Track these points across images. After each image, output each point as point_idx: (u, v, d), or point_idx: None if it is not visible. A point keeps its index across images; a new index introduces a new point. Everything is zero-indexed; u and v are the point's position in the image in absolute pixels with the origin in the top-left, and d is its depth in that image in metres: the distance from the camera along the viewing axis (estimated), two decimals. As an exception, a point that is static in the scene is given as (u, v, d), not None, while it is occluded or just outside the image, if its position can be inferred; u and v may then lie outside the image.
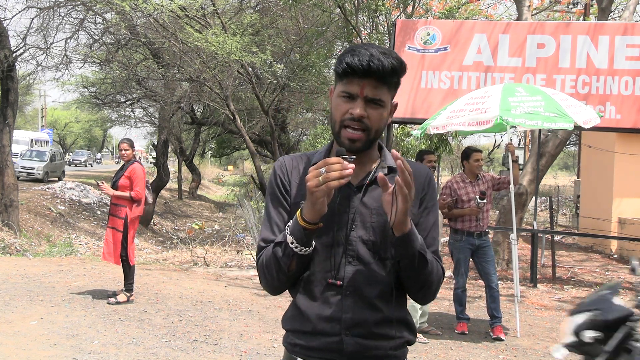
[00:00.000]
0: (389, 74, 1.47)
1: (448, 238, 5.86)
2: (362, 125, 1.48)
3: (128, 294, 6.16)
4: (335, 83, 1.56)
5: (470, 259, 5.65)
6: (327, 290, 1.53)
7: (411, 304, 5.35)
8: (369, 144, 1.52)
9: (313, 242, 1.49)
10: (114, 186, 6.10)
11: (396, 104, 1.59)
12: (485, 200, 5.42)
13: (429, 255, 1.51)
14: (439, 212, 5.44)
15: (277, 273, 1.53)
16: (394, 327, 1.56)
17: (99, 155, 59.96)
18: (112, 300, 6.05)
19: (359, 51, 1.47)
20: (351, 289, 1.52)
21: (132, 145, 6.29)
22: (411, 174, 1.35)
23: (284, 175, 1.63)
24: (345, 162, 1.36)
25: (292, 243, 1.46)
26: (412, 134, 11.04)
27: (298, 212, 1.46)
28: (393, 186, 1.38)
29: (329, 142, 1.66)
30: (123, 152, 6.19)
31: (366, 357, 1.53)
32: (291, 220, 1.49)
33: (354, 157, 1.39)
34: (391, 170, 1.58)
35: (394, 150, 1.37)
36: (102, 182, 6.16)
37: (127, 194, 6.03)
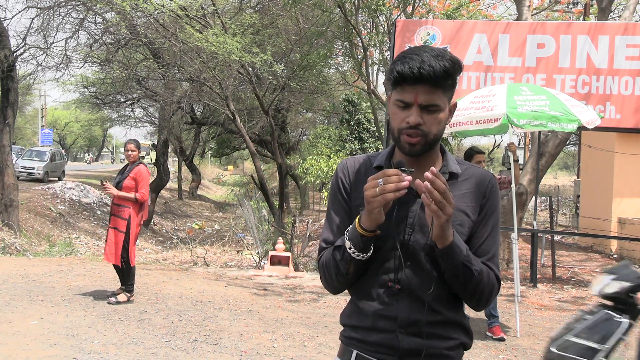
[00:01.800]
0: (442, 78, 1.46)
1: None
2: (419, 132, 1.49)
3: (128, 294, 6.16)
4: (391, 90, 1.56)
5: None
6: (385, 292, 1.57)
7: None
8: (428, 146, 1.52)
9: (371, 248, 1.51)
10: (118, 186, 6.07)
11: (455, 104, 1.58)
12: None
13: (478, 266, 1.51)
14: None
15: (336, 275, 1.58)
16: (449, 328, 1.59)
17: (87, 156, 57.88)
18: (113, 300, 6.05)
19: (410, 57, 1.46)
20: (407, 291, 1.55)
21: (138, 147, 6.31)
22: (444, 190, 1.35)
23: (345, 178, 1.65)
24: (403, 175, 1.38)
25: (350, 248, 1.50)
26: None
27: (357, 219, 1.49)
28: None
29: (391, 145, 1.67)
30: (130, 152, 6.18)
31: (420, 354, 1.56)
32: (350, 226, 1.52)
33: (413, 170, 1.41)
34: (452, 176, 1.59)
35: (433, 168, 1.36)
36: (106, 182, 6.16)
37: (131, 195, 6.01)
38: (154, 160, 21.06)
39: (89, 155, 61.87)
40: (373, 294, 1.58)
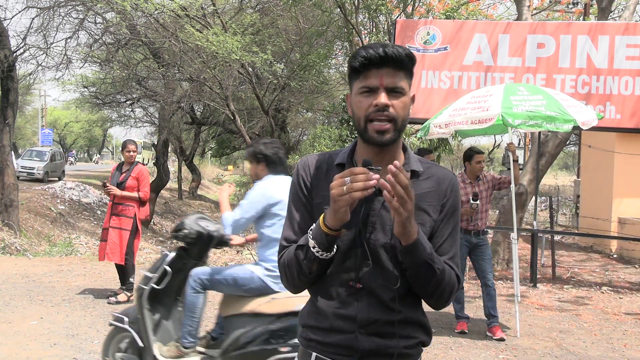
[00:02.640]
0: (405, 59, 1.49)
1: None
2: (388, 115, 1.48)
3: (128, 294, 6.17)
4: (351, 85, 1.56)
5: (468, 258, 5.67)
6: (344, 290, 1.55)
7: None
8: (397, 134, 1.52)
9: (335, 247, 1.50)
10: (121, 187, 6.17)
11: (414, 95, 1.59)
12: (478, 202, 5.44)
13: (440, 264, 1.51)
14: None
15: (298, 274, 1.55)
16: (408, 327, 1.58)
17: (95, 157, 57.69)
18: (113, 299, 6.06)
19: (370, 45, 1.50)
20: (368, 290, 1.54)
21: (137, 147, 6.51)
22: (405, 186, 1.34)
23: (306, 175, 1.64)
24: (371, 173, 1.36)
25: (313, 247, 1.48)
26: (416, 135, 11.04)
27: (321, 217, 1.46)
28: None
29: (353, 141, 1.66)
30: (132, 153, 6.33)
31: (380, 354, 1.55)
32: (314, 224, 1.50)
33: (380, 168, 1.39)
34: (414, 175, 1.59)
35: (396, 162, 1.35)
36: (108, 183, 6.21)
37: (134, 194, 6.15)
38: (145, 160, 21.07)
39: (97, 155, 61.95)
40: (332, 293, 1.57)
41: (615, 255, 11.75)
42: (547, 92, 5.54)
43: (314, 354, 1.60)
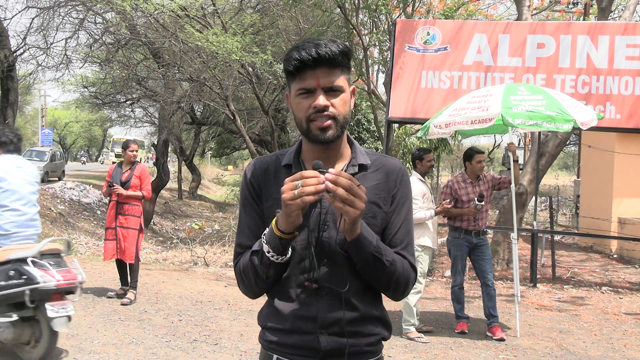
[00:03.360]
0: (339, 57, 1.48)
1: (447, 237, 5.87)
2: (328, 115, 1.48)
3: (135, 292, 6.27)
4: (289, 86, 1.55)
5: (468, 258, 5.67)
6: (303, 291, 1.54)
7: (407, 303, 5.35)
8: (339, 130, 1.51)
9: (289, 250, 1.49)
10: (126, 186, 6.22)
11: (353, 88, 1.58)
12: (483, 203, 5.45)
13: (389, 256, 1.51)
14: (434, 212, 5.45)
15: (255, 280, 1.54)
16: (369, 324, 1.57)
17: (101, 157, 57.60)
18: (126, 300, 6.12)
19: (303, 45, 1.48)
20: (326, 289, 1.53)
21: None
22: (349, 187, 1.33)
23: (254, 179, 1.62)
24: (322, 177, 1.35)
25: (268, 252, 1.46)
26: (416, 135, 11.04)
27: (273, 221, 1.45)
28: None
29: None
30: (135, 153, 6.39)
31: (342, 354, 1.54)
32: (267, 229, 1.48)
33: (332, 170, 1.37)
34: (362, 168, 1.58)
35: (331, 170, 1.34)
36: (115, 184, 6.21)
37: (139, 193, 6.23)
38: (137, 159, 20.97)
39: (102, 156, 61.78)
40: (292, 295, 1.55)
41: (615, 255, 11.75)
42: (547, 92, 5.54)
43: (275, 356, 1.59)
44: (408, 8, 11.57)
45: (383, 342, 1.64)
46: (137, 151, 6.43)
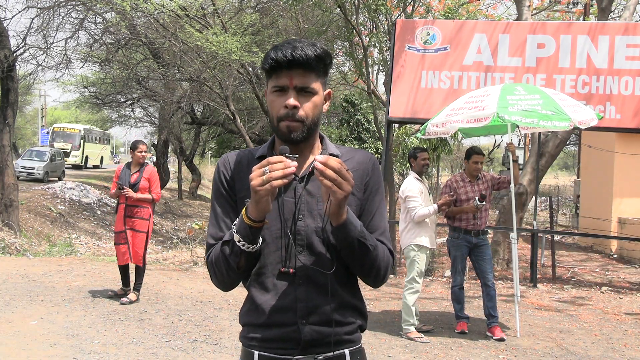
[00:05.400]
0: (314, 61, 1.51)
1: (447, 237, 5.87)
2: (296, 117, 1.52)
3: (137, 293, 6.25)
4: (267, 83, 1.59)
5: (468, 258, 5.67)
6: (280, 280, 1.55)
7: (406, 303, 5.35)
8: (306, 132, 1.55)
9: (260, 239, 1.50)
10: (135, 188, 6.10)
11: (330, 92, 1.63)
12: (484, 203, 5.44)
13: (372, 241, 1.53)
14: (436, 208, 5.44)
15: (227, 271, 1.54)
16: (348, 313, 1.58)
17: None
18: (126, 300, 6.09)
19: (283, 45, 1.52)
20: (303, 277, 1.54)
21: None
22: (338, 169, 1.37)
23: (227, 172, 1.65)
24: (288, 161, 1.38)
25: (239, 241, 1.47)
26: (416, 135, 11.04)
27: (243, 210, 1.46)
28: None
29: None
30: (144, 154, 6.29)
31: (323, 343, 1.55)
32: (237, 219, 1.49)
33: (297, 155, 1.41)
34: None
35: (318, 156, 1.38)
36: (125, 187, 6.09)
37: (148, 195, 6.13)
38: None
39: (116, 156, 61.49)
40: (268, 284, 1.56)
41: (615, 255, 11.75)
42: (544, 92, 5.54)
43: (256, 352, 1.58)
44: (408, 8, 11.58)
45: (360, 332, 1.65)
46: (146, 152, 6.30)
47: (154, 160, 23.21)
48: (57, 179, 23.06)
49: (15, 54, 11.29)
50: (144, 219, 6.13)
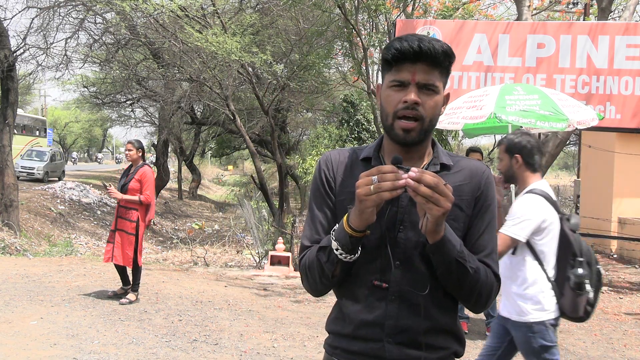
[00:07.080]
0: (441, 57, 1.40)
1: None
2: (416, 114, 1.39)
3: (136, 293, 6.23)
4: (382, 77, 1.47)
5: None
6: (371, 293, 1.45)
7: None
8: (423, 134, 1.42)
9: (359, 249, 1.40)
10: (124, 189, 6.04)
11: (448, 94, 1.50)
12: None
13: (473, 263, 1.40)
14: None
15: (320, 278, 1.46)
16: (442, 337, 1.47)
17: (74, 154, 54.82)
18: (125, 301, 6.08)
19: (407, 37, 1.40)
20: (397, 293, 1.44)
21: (137, 147, 6.22)
22: (435, 185, 1.25)
23: (329, 171, 1.54)
24: (400, 172, 1.26)
25: (336, 249, 1.38)
26: None
27: (345, 217, 1.37)
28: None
29: (378, 137, 1.56)
30: (127, 152, 6.18)
31: None
32: (337, 224, 1.40)
33: (410, 168, 1.28)
34: (444, 168, 1.50)
35: (414, 168, 1.26)
36: (110, 185, 6.11)
37: (136, 197, 5.97)
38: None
39: (117, 157, 61.42)
40: (359, 295, 1.46)
41: (615, 255, 11.75)
42: (543, 92, 5.55)
43: None
44: (408, 8, 11.57)
45: (455, 357, 1.53)
46: (129, 151, 6.11)
47: (154, 160, 23.23)
48: (57, 179, 23.07)
49: (15, 54, 11.29)
50: (132, 220, 6.01)
